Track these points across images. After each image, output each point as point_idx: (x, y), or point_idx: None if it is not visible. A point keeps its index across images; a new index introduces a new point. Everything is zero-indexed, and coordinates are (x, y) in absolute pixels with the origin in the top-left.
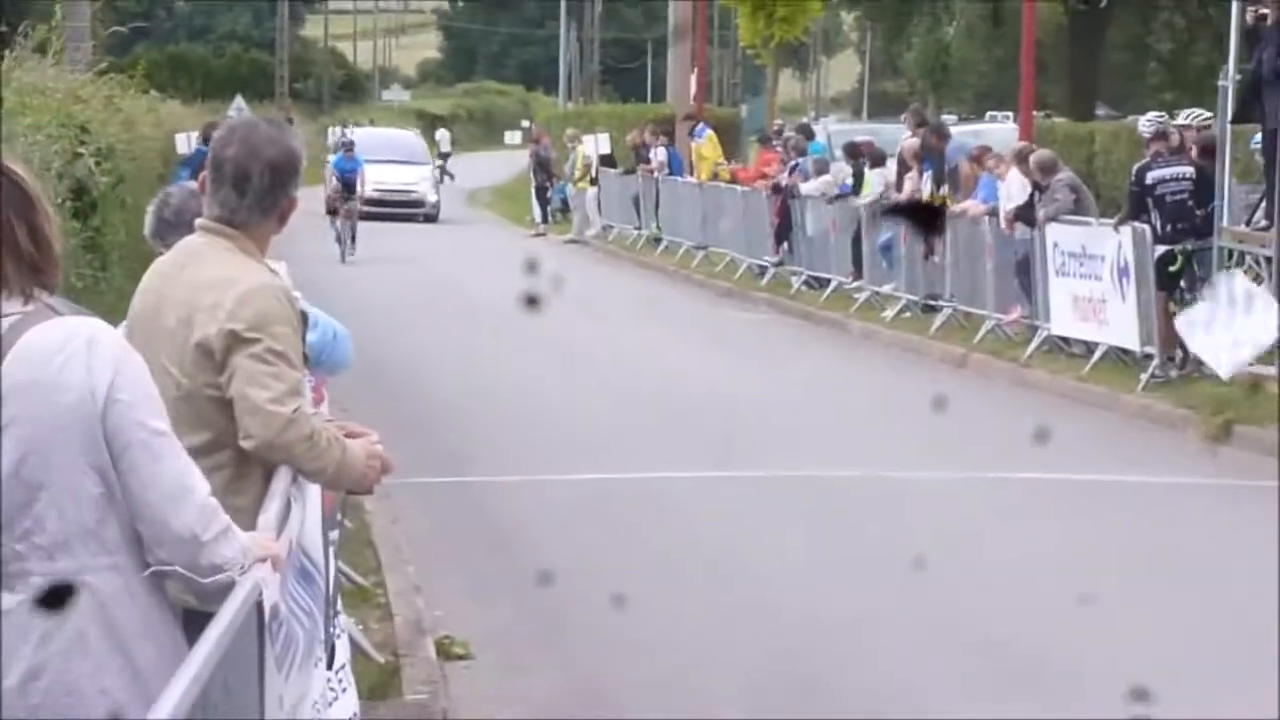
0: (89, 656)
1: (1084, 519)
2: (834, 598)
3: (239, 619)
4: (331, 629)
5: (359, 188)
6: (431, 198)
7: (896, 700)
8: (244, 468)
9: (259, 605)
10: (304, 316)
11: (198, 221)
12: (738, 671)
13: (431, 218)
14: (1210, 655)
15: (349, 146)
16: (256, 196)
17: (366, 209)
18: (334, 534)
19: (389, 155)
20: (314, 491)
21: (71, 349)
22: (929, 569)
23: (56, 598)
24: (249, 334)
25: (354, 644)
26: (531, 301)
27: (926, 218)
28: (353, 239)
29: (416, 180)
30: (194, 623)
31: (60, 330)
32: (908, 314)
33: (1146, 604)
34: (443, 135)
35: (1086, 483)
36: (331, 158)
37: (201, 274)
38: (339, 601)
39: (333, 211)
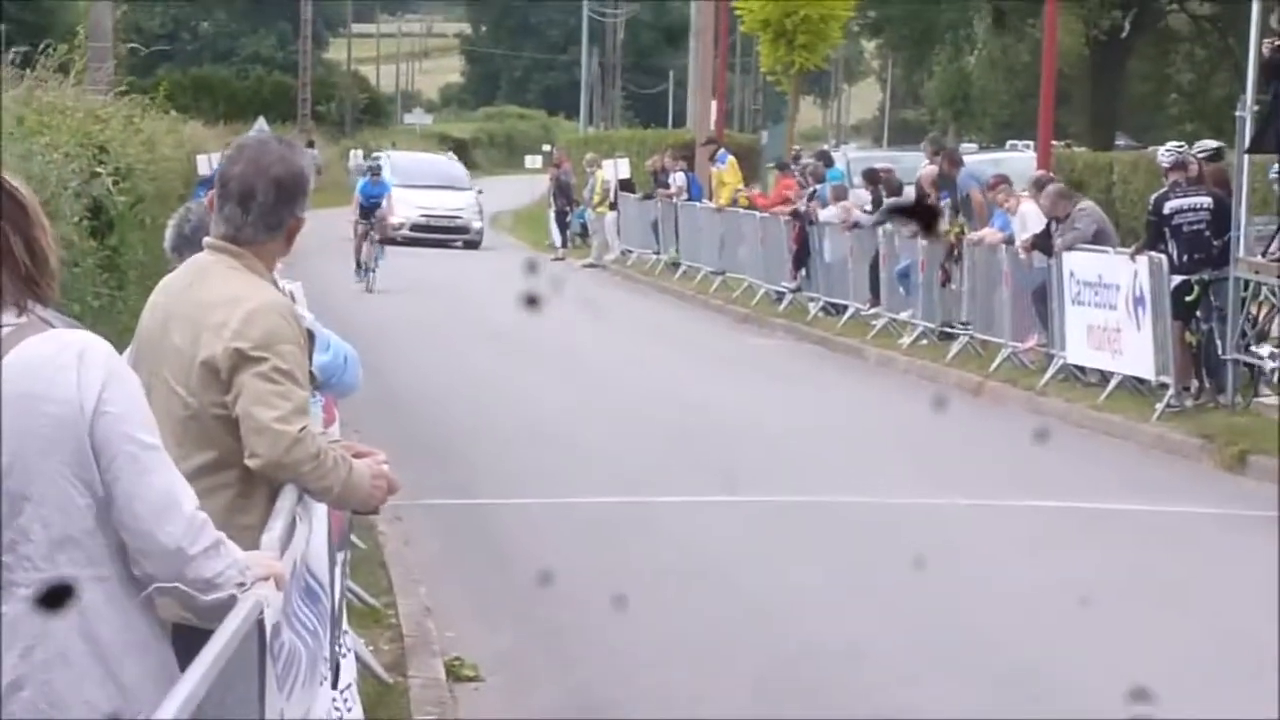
0: (71, 669)
1: (1098, 548)
2: (838, 623)
3: (238, 636)
4: (337, 648)
5: (388, 213)
6: (476, 224)
7: None
8: (250, 486)
9: (260, 623)
10: (311, 335)
11: (205, 240)
12: (743, 692)
13: (474, 244)
14: (1219, 685)
15: (376, 171)
16: (262, 214)
17: (412, 234)
18: (344, 555)
19: (430, 180)
20: (320, 511)
21: (62, 361)
22: (937, 596)
23: (56, 598)
24: (255, 353)
25: (364, 665)
26: (531, 302)
27: (926, 218)
28: (376, 262)
29: (463, 206)
30: (194, 640)
31: (52, 343)
32: (924, 341)
33: (1158, 633)
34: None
35: (1101, 511)
36: (359, 182)
37: (208, 292)
38: (345, 621)
39: (361, 236)
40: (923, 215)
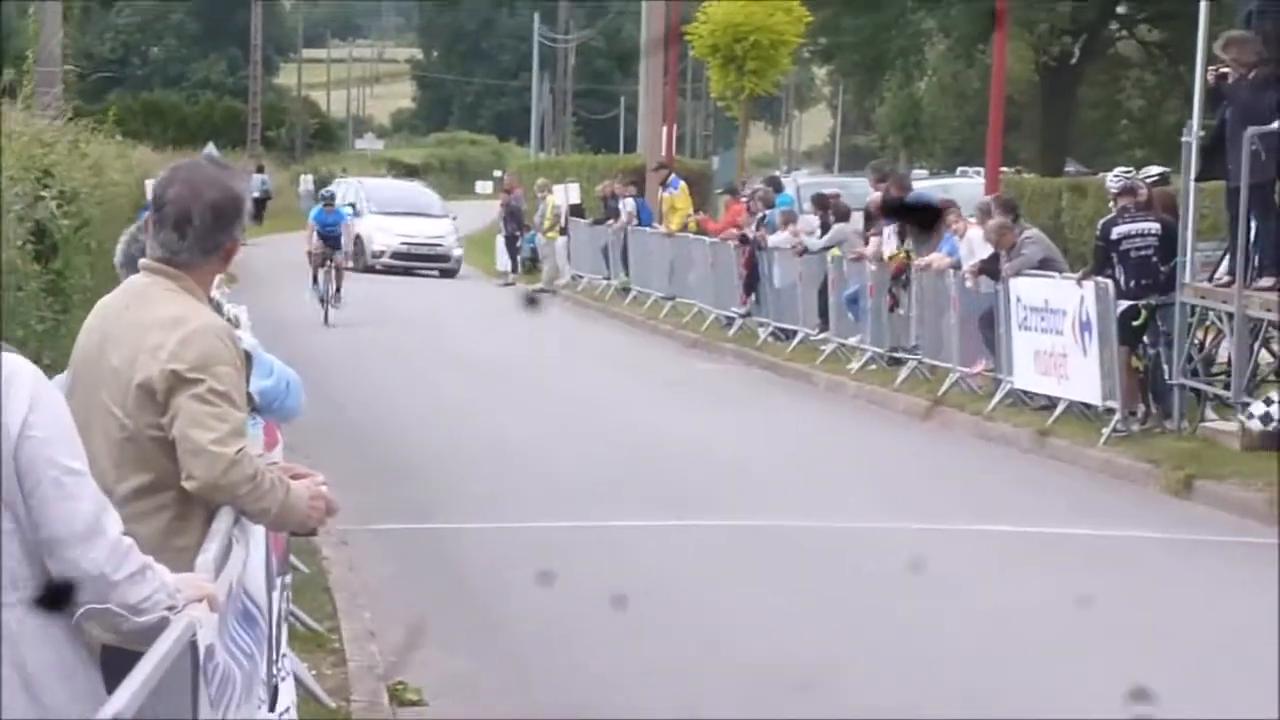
0: None
1: (1044, 572)
2: (788, 647)
3: (169, 658)
4: (275, 671)
5: (344, 243)
6: (456, 252)
7: None
8: (187, 509)
9: (193, 644)
10: (249, 357)
11: (141, 262)
12: (694, 716)
13: (451, 273)
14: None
15: (329, 200)
16: (198, 238)
17: (393, 262)
18: (285, 578)
19: (407, 208)
20: (258, 533)
21: None
22: (886, 621)
23: (56, 598)
24: (192, 374)
25: (306, 689)
26: (532, 302)
27: (927, 217)
28: (337, 291)
29: (443, 234)
30: (127, 662)
31: None
32: (873, 366)
33: (1106, 657)
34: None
35: (1048, 535)
36: (312, 209)
37: (145, 314)
38: (284, 644)
39: (316, 267)
40: (926, 216)
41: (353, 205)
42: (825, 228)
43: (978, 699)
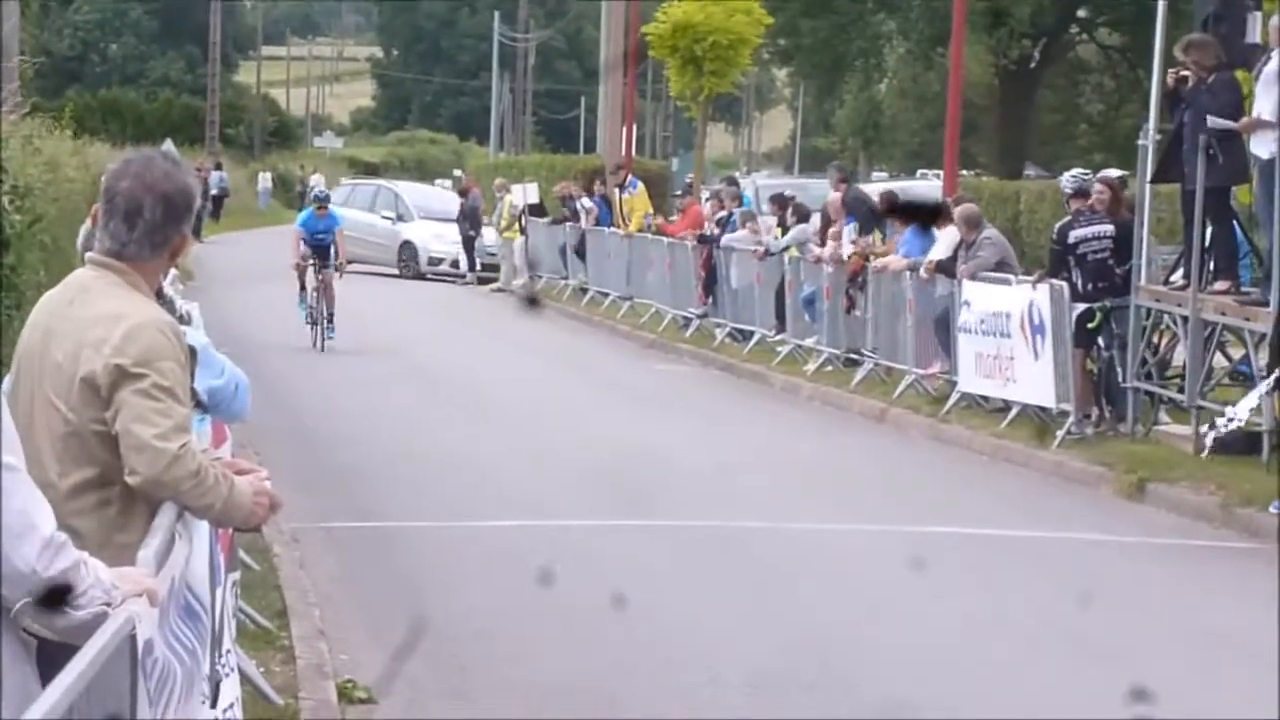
0: None
1: (996, 575)
2: (739, 649)
3: (106, 652)
4: (219, 668)
5: (336, 255)
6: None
7: None
8: (130, 504)
9: (132, 638)
10: (194, 353)
11: (87, 255)
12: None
13: (488, 281)
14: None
15: (322, 203)
16: (148, 231)
17: (449, 270)
18: (234, 575)
19: (446, 214)
20: (202, 529)
21: None
22: (834, 622)
23: (56, 598)
24: (135, 369)
25: (254, 686)
26: (532, 302)
27: (929, 215)
28: (330, 318)
29: (491, 241)
30: (63, 657)
31: None
32: (829, 367)
33: (1056, 662)
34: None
35: (1000, 538)
36: (300, 215)
37: (89, 309)
38: (228, 641)
39: (303, 284)
40: (930, 214)
41: (394, 214)
42: (784, 228)
43: (915, 704)
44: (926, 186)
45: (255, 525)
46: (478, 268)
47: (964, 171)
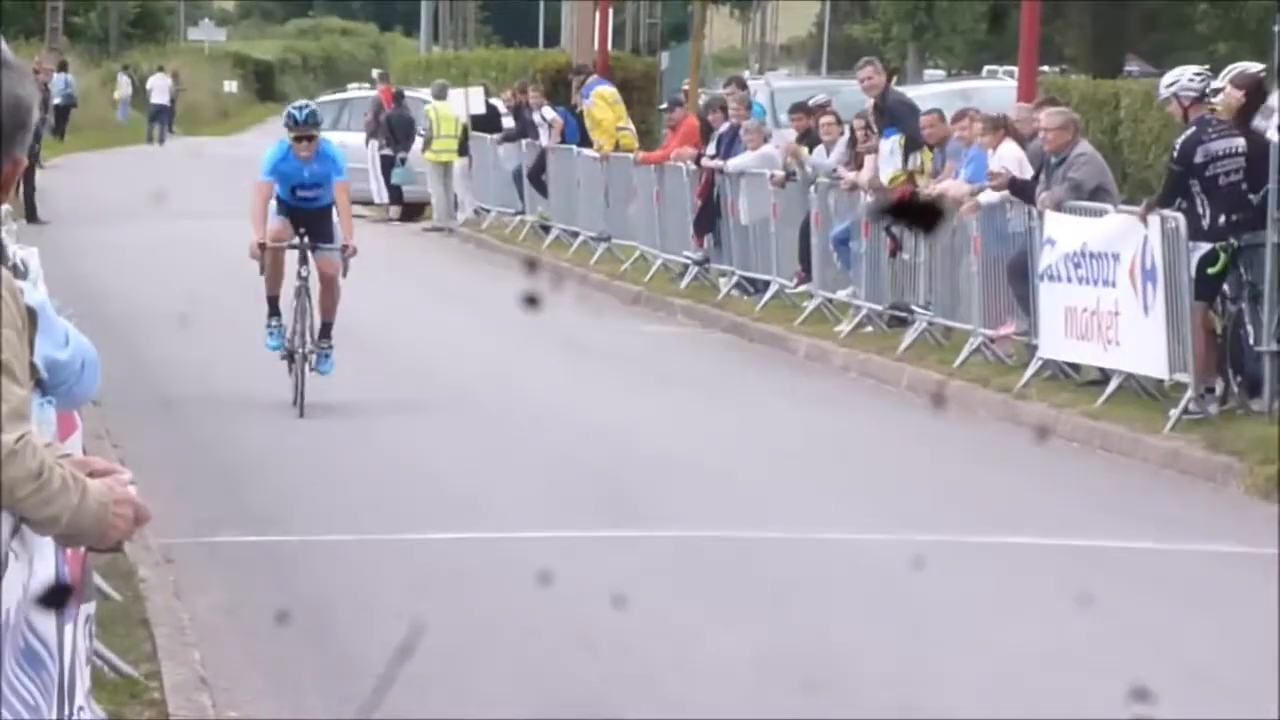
0: None
1: (1094, 600)
2: (748, 693)
3: None
4: None
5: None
6: None
7: None
8: None
9: None
10: (33, 315)
11: None
12: None
13: None
14: None
15: (309, 130)
16: None
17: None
18: (87, 608)
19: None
20: (47, 548)
21: None
22: (879, 665)
23: (56, 597)
24: None
25: None
26: (532, 302)
27: (928, 218)
28: (325, 331)
29: None
30: None
31: None
32: (869, 328)
33: (1177, 708)
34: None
35: (1095, 550)
36: (269, 155)
37: None
38: (82, 691)
39: (274, 283)
40: (921, 212)
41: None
42: (811, 145)
43: None
44: (997, 88)
45: (115, 542)
46: (402, 199)
47: (1045, 68)
